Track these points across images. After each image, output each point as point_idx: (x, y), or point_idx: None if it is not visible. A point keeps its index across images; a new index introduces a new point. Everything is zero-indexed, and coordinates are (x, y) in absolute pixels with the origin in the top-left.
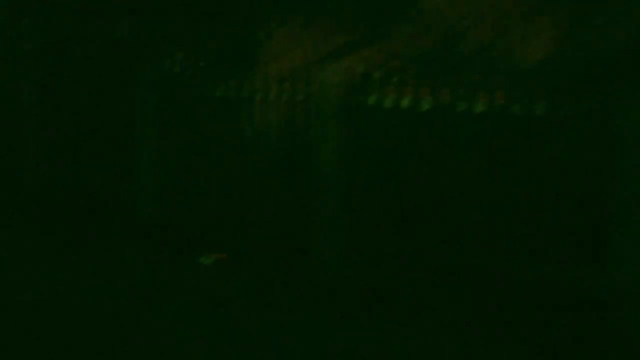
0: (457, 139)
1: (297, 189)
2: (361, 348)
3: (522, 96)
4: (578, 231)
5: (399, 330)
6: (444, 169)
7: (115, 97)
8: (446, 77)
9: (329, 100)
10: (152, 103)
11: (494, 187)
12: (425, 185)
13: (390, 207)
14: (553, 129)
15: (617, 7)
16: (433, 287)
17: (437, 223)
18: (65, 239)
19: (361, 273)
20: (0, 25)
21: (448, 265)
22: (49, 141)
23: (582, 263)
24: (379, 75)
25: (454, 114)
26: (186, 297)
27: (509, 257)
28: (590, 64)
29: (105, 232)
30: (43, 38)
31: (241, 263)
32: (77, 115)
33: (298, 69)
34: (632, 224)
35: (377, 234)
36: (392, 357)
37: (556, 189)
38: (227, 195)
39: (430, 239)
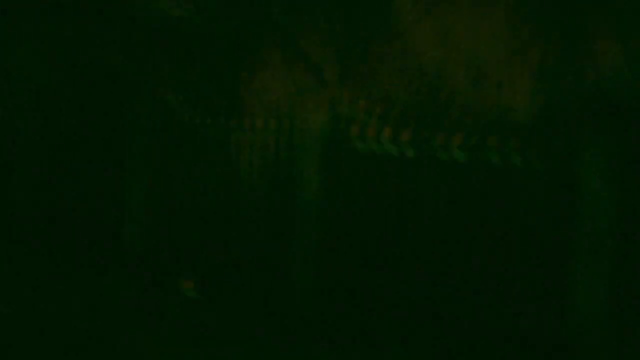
0: (434, 183)
1: (279, 224)
2: None
3: (498, 146)
4: (539, 277)
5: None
6: (419, 212)
7: (108, 128)
8: (428, 122)
9: (312, 140)
10: (143, 135)
11: (463, 232)
12: (398, 228)
13: (364, 246)
14: (526, 179)
15: (585, 61)
16: (399, 323)
17: (407, 264)
18: (53, 265)
19: (330, 306)
20: None
21: (415, 304)
22: (41, 167)
23: (542, 309)
24: (362, 117)
25: (434, 159)
26: (166, 327)
27: (474, 297)
28: (560, 117)
29: (93, 261)
30: (39, 69)
31: (223, 292)
32: (69, 144)
33: (284, 109)
34: (589, 272)
35: (348, 271)
36: None
37: (523, 236)
38: (212, 227)
39: (400, 278)
